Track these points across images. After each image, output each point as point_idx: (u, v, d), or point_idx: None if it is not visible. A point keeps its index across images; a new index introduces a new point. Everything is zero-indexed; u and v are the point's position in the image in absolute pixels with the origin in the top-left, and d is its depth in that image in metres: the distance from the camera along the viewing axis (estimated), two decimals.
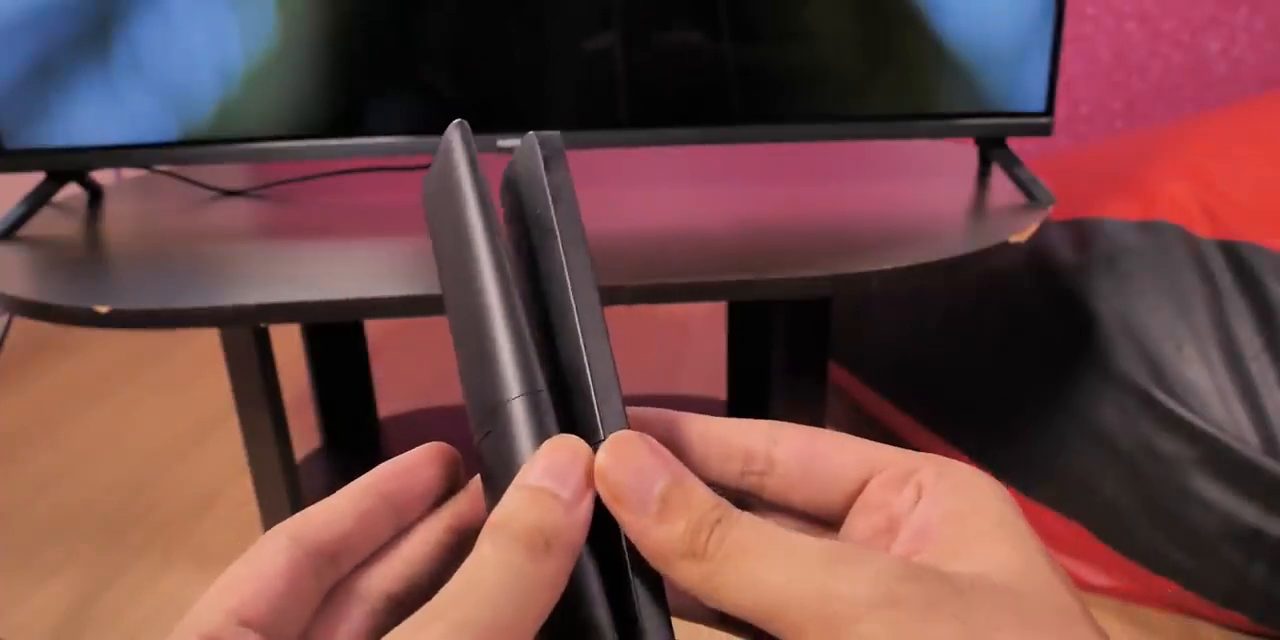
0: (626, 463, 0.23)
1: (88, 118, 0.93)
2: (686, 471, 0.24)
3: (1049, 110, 0.95)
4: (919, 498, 0.25)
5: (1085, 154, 1.34)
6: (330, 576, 0.26)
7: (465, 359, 0.27)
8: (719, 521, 0.23)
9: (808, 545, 0.22)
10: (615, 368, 0.25)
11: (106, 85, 0.92)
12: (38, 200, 0.98)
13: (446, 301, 0.28)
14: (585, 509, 0.23)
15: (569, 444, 0.24)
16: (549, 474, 0.23)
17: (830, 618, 0.21)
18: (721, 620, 0.26)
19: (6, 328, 0.98)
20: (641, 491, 0.23)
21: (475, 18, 0.92)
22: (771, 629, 0.22)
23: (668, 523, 0.23)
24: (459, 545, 0.27)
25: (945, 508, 0.24)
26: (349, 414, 1.34)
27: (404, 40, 0.92)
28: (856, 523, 0.26)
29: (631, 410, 0.26)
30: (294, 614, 0.24)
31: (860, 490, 0.26)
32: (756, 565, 0.22)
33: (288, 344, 1.18)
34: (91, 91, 0.92)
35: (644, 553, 0.23)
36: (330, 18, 0.91)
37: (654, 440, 0.24)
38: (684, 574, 0.23)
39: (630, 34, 0.92)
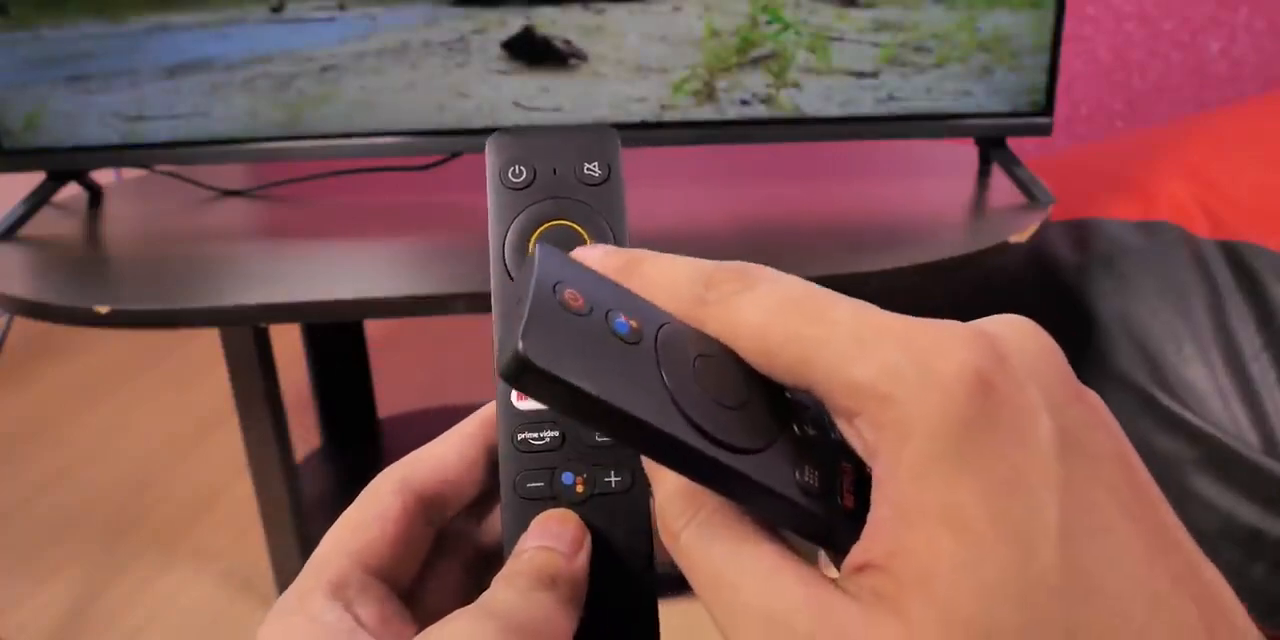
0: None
1: (88, 118, 0.93)
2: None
3: (1049, 110, 0.95)
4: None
5: (1085, 154, 1.34)
6: (439, 522, 0.27)
7: None
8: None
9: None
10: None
11: (106, 86, 0.92)
12: (38, 200, 0.98)
13: None
14: (582, 559, 0.25)
15: (558, 513, 0.26)
16: (544, 536, 0.25)
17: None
18: None
19: (6, 328, 0.98)
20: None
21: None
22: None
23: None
24: None
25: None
26: (349, 414, 1.34)
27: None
28: None
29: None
30: (409, 559, 0.26)
31: None
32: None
33: (288, 344, 1.18)
34: (91, 92, 0.92)
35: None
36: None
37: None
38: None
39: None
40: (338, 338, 1.29)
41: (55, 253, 0.95)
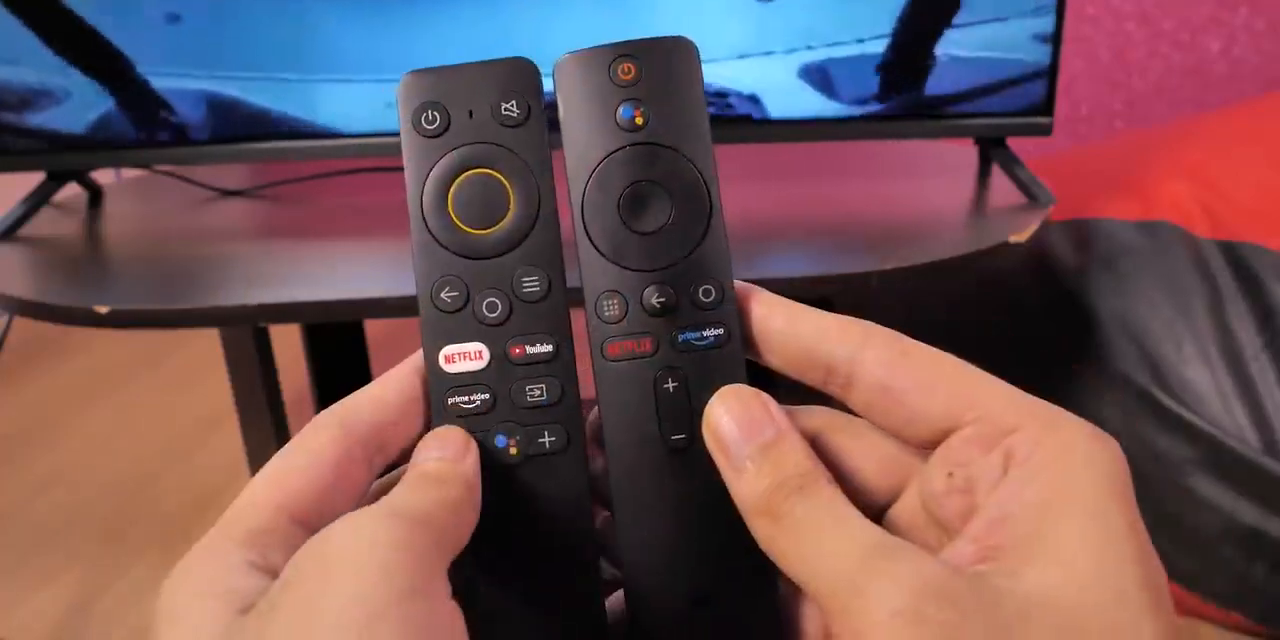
0: (738, 414, 0.25)
1: (87, 118, 0.93)
2: (792, 432, 0.24)
3: (1049, 110, 0.95)
4: (1006, 467, 0.23)
5: (1085, 154, 1.34)
6: (380, 464, 0.26)
7: None
8: (800, 489, 0.23)
9: (864, 534, 0.22)
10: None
11: (106, 85, 0.92)
12: (38, 200, 0.98)
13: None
14: (469, 462, 0.25)
15: (443, 429, 0.26)
16: (432, 448, 0.26)
17: (853, 613, 0.21)
18: None
19: (6, 328, 0.98)
20: (741, 444, 0.24)
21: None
22: (814, 601, 0.23)
23: (757, 476, 0.24)
24: None
25: (1031, 494, 0.22)
26: None
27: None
28: (935, 471, 0.24)
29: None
30: (340, 507, 0.25)
31: (945, 433, 0.24)
32: (812, 542, 0.23)
33: (288, 344, 1.18)
34: (91, 92, 0.92)
35: (732, 495, 0.24)
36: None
37: (768, 397, 0.25)
38: (754, 525, 0.24)
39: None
40: (338, 338, 1.29)
41: (55, 253, 0.95)
